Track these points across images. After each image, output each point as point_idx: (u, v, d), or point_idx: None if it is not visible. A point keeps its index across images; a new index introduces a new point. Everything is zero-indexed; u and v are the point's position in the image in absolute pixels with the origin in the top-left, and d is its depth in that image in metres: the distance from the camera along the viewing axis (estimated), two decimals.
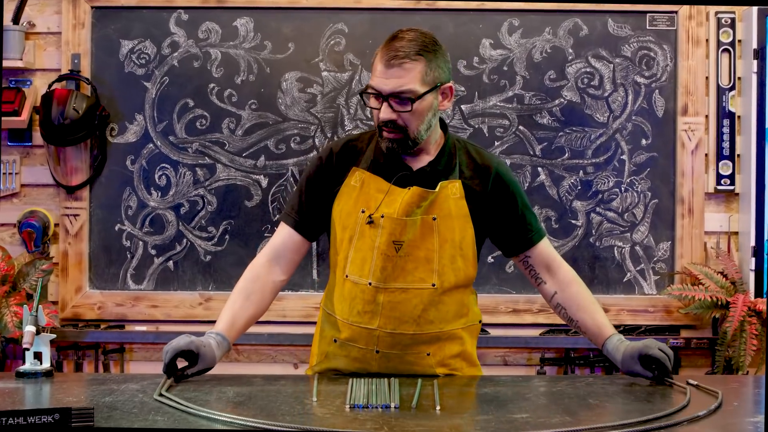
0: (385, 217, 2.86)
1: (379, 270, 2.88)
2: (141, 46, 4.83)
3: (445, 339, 2.94)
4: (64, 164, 4.80)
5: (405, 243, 2.87)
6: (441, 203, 2.89)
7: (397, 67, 2.79)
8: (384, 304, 2.88)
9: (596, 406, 2.41)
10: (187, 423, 2.16)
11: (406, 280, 2.88)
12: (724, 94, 4.78)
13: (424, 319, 2.90)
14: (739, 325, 4.45)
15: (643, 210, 4.80)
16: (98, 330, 4.77)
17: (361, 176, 2.94)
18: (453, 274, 2.92)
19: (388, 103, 2.80)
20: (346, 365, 2.96)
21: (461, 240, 2.92)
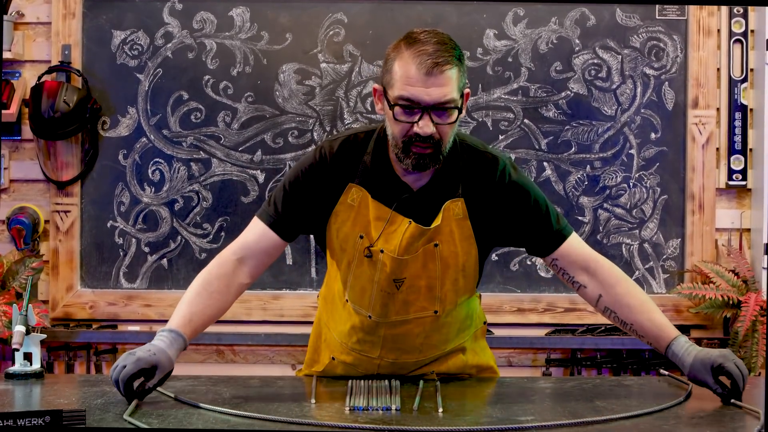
0: (385, 253, 2.75)
1: (380, 306, 2.80)
2: (133, 37, 4.83)
3: (447, 353, 2.94)
4: (55, 159, 4.80)
5: (406, 279, 2.77)
6: (443, 227, 2.75)
7: (439, 75, 2.59)
8: (386, 336, 2.84)
9: (603, 408, 2.41)
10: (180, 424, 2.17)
11: (408, 312, 2.81)
12: (736, 87, 4.78)
13: (426, 346, 2.87)
14: (751, 324, 4.45)
15: (652, 206, 4.80)
16: (90, 330, 4.78)
17: (358, 195, 2.78)
18: (455, 295, 2.84)
19: (429, 115, 2.60)
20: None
21: (464, 262, 2.81)
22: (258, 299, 4.78)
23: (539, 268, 4.78)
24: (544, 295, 4.79)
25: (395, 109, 2.62)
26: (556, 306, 4.77)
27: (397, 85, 2.61)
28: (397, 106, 2.61)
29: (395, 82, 2.62)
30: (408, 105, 2.60)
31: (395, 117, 2.63)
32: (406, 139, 2.63)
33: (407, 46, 2.63)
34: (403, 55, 2.62)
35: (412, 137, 2.62)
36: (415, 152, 2.64)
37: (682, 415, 2.40)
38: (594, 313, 4.69)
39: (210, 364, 4.81)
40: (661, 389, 2.73)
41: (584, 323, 4.75)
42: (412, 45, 2.62)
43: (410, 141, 2.62)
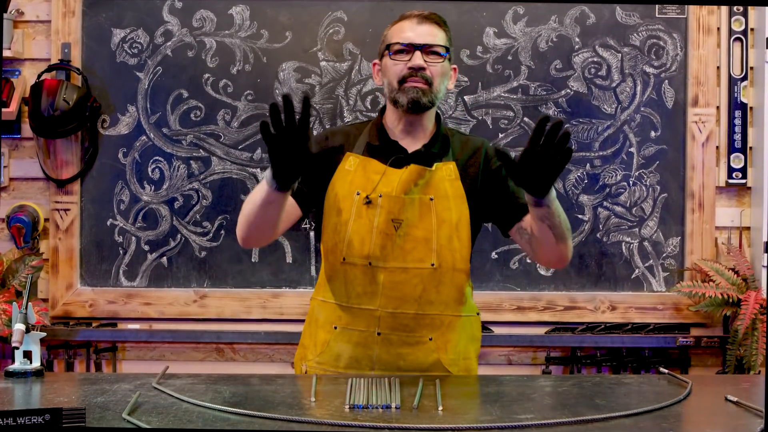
0: (384, 196, 3.02)
1: (379, 249, 3.01)
2: (133, 35, 4.84)
3: (446, 325, 3.06)
4: (54, 157, 4.80)
5: (404, 222, 3.01)
6: (437, 184, 3.04)
7: (429, 24, 3.07)
8: (384, 283, 3.01)
9: (603, 406, 2.41)
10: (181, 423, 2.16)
11: (406, 260, 3.01)
12: (736, 85, 4.79)
13: (424, 299, 3.02)
14: (751, 323, 4.45)
15: (651, 204, 4.80)
16: (90, 328, 4.78)
17: (355, 160, 3.09)
18: (450, 255, 3.04)
19: (420, 51, 3.03)
20: (349, 351, 3.05)
21: (458, 220, 3.05)
22: (258, 297, 4.78)
23: (539, 266, 4.78)
24: (544, 294, 4.79)
25: (391, 52, 3.07)
26: (555, 304, 4.77)
27: (394, 37, 3.08)
28: (393, 49, 3.06)
29: (390, 38, 3.09)
30: (402, 48, 3.04)
31: (391, 58, 3.06)
32: (401, 78, 3.03)
33: (400, 18, 3.12)
34: (398, 21, 3.12)
35: (406, 75, 3.02)
36: (409, 86, 3.02)
37: (682, 413, 2.40)
38: (594, 312, 4.70)
39: (210, 362, 4.81)
40: (661, 387, 2.73)
41: (584, 321, 4.76)
42: (402, 16, 3.12)
43: (404, 79, 3.02)
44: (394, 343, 3.02)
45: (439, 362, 3.04)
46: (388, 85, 3.10)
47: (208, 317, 4.81)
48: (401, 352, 3.02)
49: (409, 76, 3.02)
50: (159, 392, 2.54)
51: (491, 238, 4.74)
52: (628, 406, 2.40)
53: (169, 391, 2.53)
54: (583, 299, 4.78)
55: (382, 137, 3.13)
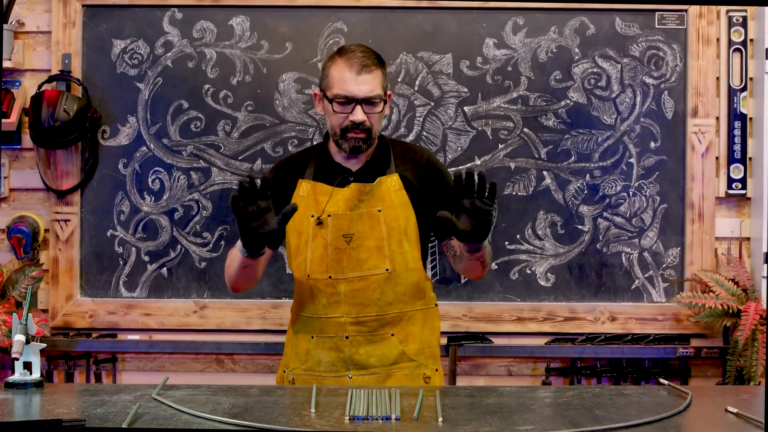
0: (332, 215, 3.37)
1: (336, 263, 3.37)
2: (133, 46, 4.84)
3: (406, 320, 3.43)
4: (55, 168, 4.80)
5: (355, 235, 3.36)
6: (383, 196, 3.39)
7: (366, 74, 3.34)
8: (345, 293, 3.37)
9: (603, 418, 2.41)
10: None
11: (362, 269, 3.37)
12: (736, 95, 4.79)
13: (383, 301, 3.38)
14: (751, 334, 4.45)
15: (651, 215, 4.80)
16: (90, 339, 4.78)
17: (307, 185, 3.46)
18: (402, 258, 3.39)
19: (361, 106, 3.33)
20: (324, 356, 3.38)
21: (405, 226, 3.39)
22: (257, 308, 4.78)
23: (539, 276, 4.78)
24: (544, 304, 4.79)
25: (334, 104, 3.35)
26: (555, 315, 4.77)
27: (335, 85, 3.35)
28: (335, 101, 3.34)
29: (333, 84, 3.36)
30: (344, 100, 3.33)
31: (334, 110, 3.36)
32: (343, 128, 3.35)
33: (339, 56, 3.40)
34: (336, 62, 3.39)
35: (348, 126, 3.34)
36: (351, 137, 3.35)
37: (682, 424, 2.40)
38: (594, 322, 4.70)
39: (209, 373, 4.81)
40: (661, 399, 2.73)
41: (584, 332, 4.75)
42: (343, 54, 3.39)
43: (347, 129, 3.35)
44: (362, 344, 3.37)
45: (404, 354, 3.39)
46: (330, 128, 3.44)
47: (208, 328, 4.81)
48: (368, 350, 3.35)
49: (351, 127, 3.34)
50: (159, 403, 2.54)
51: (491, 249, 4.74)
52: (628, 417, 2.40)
53: (169, 403, 2.53)
54: (583, 310, 4.78)
55: (326, 161, 3.50)
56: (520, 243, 4.78)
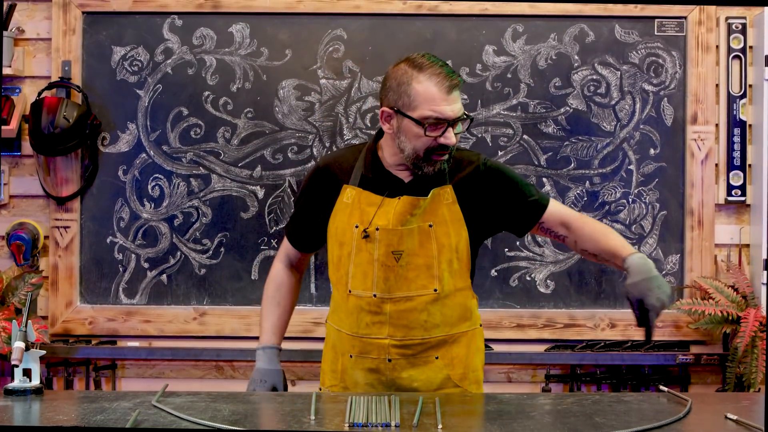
0: (380, 229, 3.07)
1: (382, 281, 3.07)
2: (133, 53, 4.84)
3: (451, 343, 3.13)
4: (54, 175, 4.80)
5: (404, 252, 3.07)
6: (435, 210, 3.09)
7: (454, 92, 3.01)
8: (391, 313, 3.08)
9: (603, 424, 2.41)
10: None
11: (410, 288, 3.07)
12: (735, 102, 4.79)
13: (431, 324, 3.09)
14: (751, 340, 4.45)
15: (651, 222, 4.80)
16: (89, 346, 4.77)
17: (352, 192, 3.14)
18: (451, 278, 3.11)
19: (452, 128, 3.01)
20: (363, 378, 3.14)
21: (457, 244, 3.10)
22: (257, 315, 4.72)
23: (538, 283, 4.78)
24: (544, 311, 4.78)
25: (422, 126, 2.97)
26: (555, 322, 4.77)
27: (423, 105, 2.98)
28: (425, 123, 2.97)
29: (419, 104, 2.98)
30: (435, 122, 2.96)
31: (426, 133, 2.98)
32: (428, 150, 3.01)
33: (419, 70, 3.02)
34: (419, 79, 3.00)
35: (434, 148, 3.00)
36: (435, 159, 3.03)
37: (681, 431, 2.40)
38: (593, 329, 4.70)
39: (209, 380, 4.81)
40: (661, 405, 2.73)
41: (584, 339, 4.75)
42: (423, 69, 3.02)
43: (432, 151, 3.01)
44: (404, 367, 3.10)
45: (448, 378, 3.12)
46: (411, 149, 3.04)
47: (208, 335, 4.80)
48: (412, 374, 3.10)
49: (438, 149, 3.03)
50: (158, 410, 2.54)
51: (490, 256, 4.74)
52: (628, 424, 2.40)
53: (168, 410, 2.52)
54: (583, 317, 4.77)
55: (376, 168, 3.16)
56: (519, 250, 4.77)
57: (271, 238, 4.78)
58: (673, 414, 2.53)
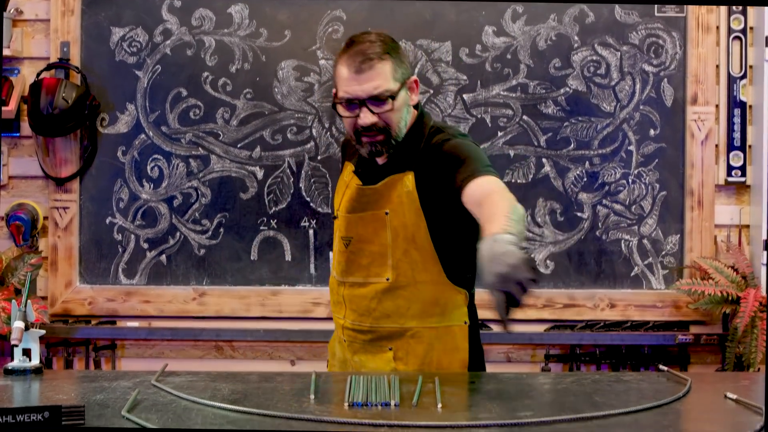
0: (339, 214, 3.11)
1: (338, 264, 3.12)
2: (132, 34, 4.83)
3: (409, 337, 3.01)
4: (53, 155, 4.80)
5: (353, 239, 3.04)
6: (393, 197, 2.97)
7: (368, 70, 2.88)
8: (345, 296, 3.10)
9: (603, 404, 2.41)
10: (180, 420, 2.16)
11: (362, 275, 3.04)
12: (735, 83, 4.78)
13: (380, 313, 3.02)
14: (750, 320, 4.45)
15: (651, 202, 4.80)
16: (89, 326, 4.78)
17: (348, 171, 3.16)
18: (409, 268, 2.98)
19: (366, 107, 2.90)
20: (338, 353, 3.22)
21: (414, 233, 2.95)
22: (257, 295, 4.77)
23: (538, 263, 4.78)
24: (543, 291, 4.78)
25: (339, 107, 2.96)
26: (555, 302, 4.77)
27: (339, 86, 2.96)
28: (339, 104, 2.95)
29: (338, 84, 2.96)
30: (348, 102, 2.92)
31: (340, 114, 2.98)
32: (355, 132, 2.96)
33: (344, 51, 2.97)
34: (340, 59, 2.96)
35: (359, 129, 2.94)
36: (365, 141, 2.95)
37: (681, 410, 2.40)
38: (593, 309, 4.71)
39: (209, 360, 4.81)
40: (660, 385, 2.73)
41: (583, 319, 4.76)
42: (348, 48, 2.96)
43: (359, 132, 2.95)
44: (357, 351, 3.10)
45: (395, 372, 2.92)
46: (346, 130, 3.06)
47: (207, 315, 4.81)
48: (362, 358, 3.08)
49: (362, 130, 2.93)
50: (158, 390, 2.54)
51: None
52: (627, 403, 2.40)
53: (168, 389, 2.52)
54: (583, 297, 4.78)
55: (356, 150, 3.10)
56: None
57: (271, 219, 4.78)
58: (673, 393, 2.53)
